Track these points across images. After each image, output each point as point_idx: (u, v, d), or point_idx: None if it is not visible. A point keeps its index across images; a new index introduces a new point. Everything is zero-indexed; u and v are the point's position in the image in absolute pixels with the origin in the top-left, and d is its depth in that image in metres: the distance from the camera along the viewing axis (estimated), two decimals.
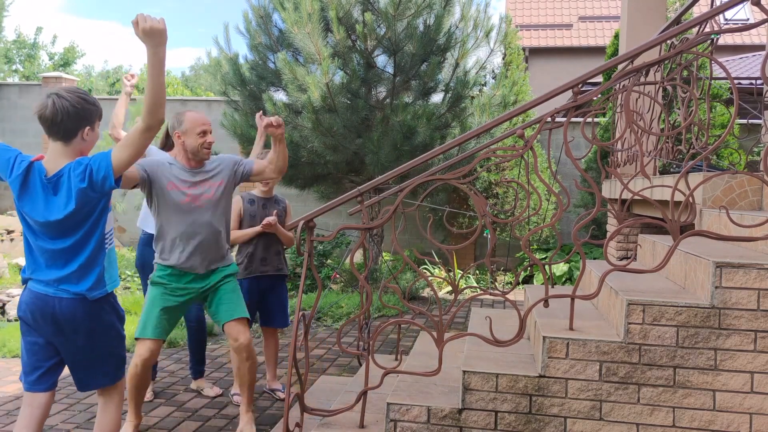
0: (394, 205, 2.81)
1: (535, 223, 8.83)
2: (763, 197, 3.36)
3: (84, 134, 2.40)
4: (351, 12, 7.36)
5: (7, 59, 25.18)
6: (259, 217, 3.98)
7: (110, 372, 2.56)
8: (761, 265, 2.44)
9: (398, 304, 6.90)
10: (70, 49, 27.68)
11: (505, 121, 2.83)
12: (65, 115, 2.32)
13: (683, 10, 4.44)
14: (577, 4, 20.90)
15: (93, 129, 2.44)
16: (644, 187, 3.98)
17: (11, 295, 6.65)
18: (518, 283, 7.87)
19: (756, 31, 17.45)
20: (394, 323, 3.21)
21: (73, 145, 2.39)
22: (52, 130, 2.35)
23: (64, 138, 2.37)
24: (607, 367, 2.56)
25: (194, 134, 3.25)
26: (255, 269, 3.99)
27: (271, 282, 4.06)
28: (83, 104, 2.36)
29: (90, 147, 2.48)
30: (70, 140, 2.38)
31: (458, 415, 2.68)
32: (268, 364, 4.22)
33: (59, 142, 2.37)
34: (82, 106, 2.36)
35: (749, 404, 2.47)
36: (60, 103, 2.32)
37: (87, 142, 2.43)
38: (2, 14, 21.94)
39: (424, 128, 7.10)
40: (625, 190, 2.66)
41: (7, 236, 8.99)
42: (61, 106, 2.32)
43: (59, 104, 2.32)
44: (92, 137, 2.45)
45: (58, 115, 2.32)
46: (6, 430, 3.56)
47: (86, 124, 2.39)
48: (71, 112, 2.33)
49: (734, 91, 2.57)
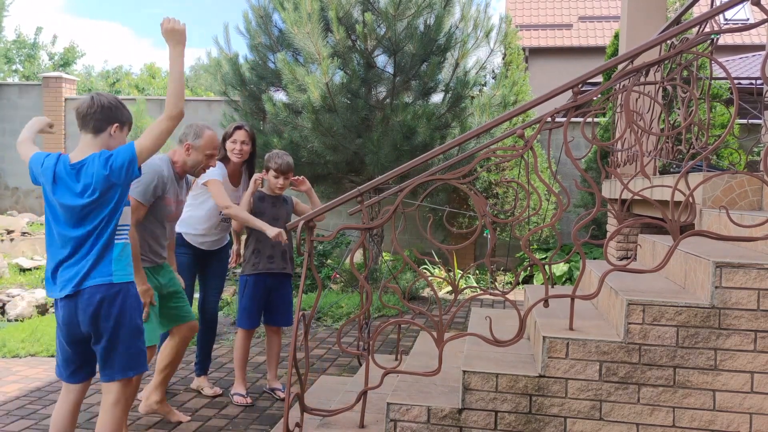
0: (394, 205, 2.81)
1: (535, 223, 8.83)
2: (763, 197, 3.36)
3: (112, 131, 2.65)
4: (351, 12, 7.36)
5: (7, 59, 25.19)
6: (268, 215, 3.97)
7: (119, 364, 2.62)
8: (761, 265, 2.44)
9: (398, 304, 6.90)
10: (70, 49, 27.70)
11: (505, 121, 2.83)
12: (99, 108, 2.62)
13: (683, 10, 4.44)
14: (577, 4, 20.90)
15: (121, 130, 2.69)
16: (644, 187, 3.98)
17: (11, 295, 6.65)
18: (518, 283, 7.87)
19: (756, 31, 17.45)
20: (394, 323, 3.21)
21: (101, 139, 2.64)
22: (85, 120, 2.62)
23: (94, 130, 2.63)
24: (607, 367, 2.56)
25: (203, 153, 3.38)
26: (262, 267, 3.99)
27: (277, 280, 4.06)
28: (117, 105, 2.68)
29: (116, 147, 2.66)
30: (98, 134, 2.63)
31: (458, 415, 2.68)
32: (269, 363, 4.22)
33: (89, 135, 2.64)
34: (116, 106, 2.67)
35: (749, 404, 2.47)
36: (98, 98, 2.64)
37: (114, 140, 2.66)
38: (2, 14, 21.96)
39: (424, 128, 7.10)
40: (625, 190, 2.66)
41: (7, 236, 8.99)
42: (98, 101, 2.63)
43: (97, 99, 2.64)
44: (119, 138, 2.69)
45: (94, 106, 2.61)
46: (6, 430, 3.56)
47: (116, 122, 2.66)
48: (105, 107, 2.63)
49: (734, 91, 2.57)
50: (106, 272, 2.56)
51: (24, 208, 11.44)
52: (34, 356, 5.09)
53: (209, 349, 4.31)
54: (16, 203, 11.53)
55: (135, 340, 2.64)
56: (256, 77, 7.92)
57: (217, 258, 4.26)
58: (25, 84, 11.96)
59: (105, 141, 2.64)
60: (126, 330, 2.59)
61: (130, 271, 2.65)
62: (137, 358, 2.65)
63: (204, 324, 4.23)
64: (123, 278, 2.60)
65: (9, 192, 11.56)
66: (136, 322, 2.65)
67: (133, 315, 2.63)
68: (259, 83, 7.93)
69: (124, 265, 2.62)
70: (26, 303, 6.44)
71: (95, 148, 2.61)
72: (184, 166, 3.40)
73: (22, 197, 11.53)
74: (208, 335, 4.28)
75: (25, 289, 7.00)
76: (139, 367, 2.68)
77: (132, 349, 2.62)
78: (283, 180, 4.02)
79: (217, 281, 4.31)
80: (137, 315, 2.66)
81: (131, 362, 2.63)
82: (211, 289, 4.28)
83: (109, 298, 2.54)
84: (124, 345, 2.59)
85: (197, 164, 3.40)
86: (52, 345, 5.18)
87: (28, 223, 10.06)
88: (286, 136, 7.33)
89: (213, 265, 4.25)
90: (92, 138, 2.63)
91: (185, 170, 3.43)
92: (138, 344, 2.65)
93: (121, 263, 2.61)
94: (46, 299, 6.61)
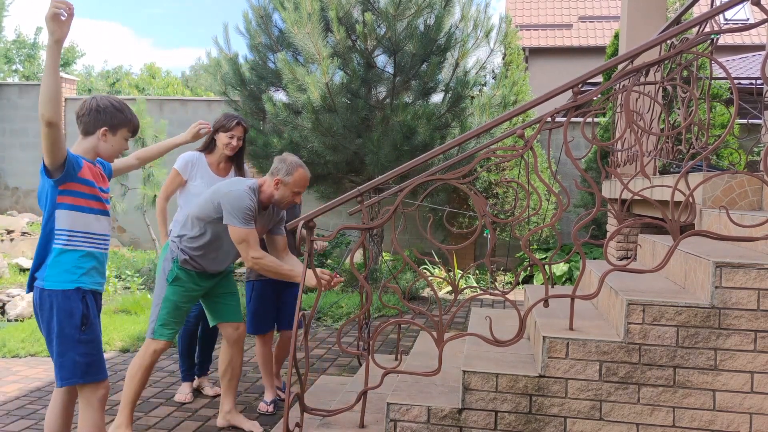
0: (394, 205, 2.81)
1: (535, 223, 8.83)
2: (763, 197, 3.36)
3: (101, 134, 2.62)
4: (351, 12, 7.35)
5: (7, 59, 25.19)
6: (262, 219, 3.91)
7: (57, 372, 2.56)
8: (761, 265, 2.44)
9: (398, 304, 6.90)
10: (70, 49, 27.70)
11: (505, 121, 2.83)
12: (88, 111, 2.60)
13: (683, 10, 4.44)
14: (577, 4, 20.90)
15: (114, 134, 2.64)
16: (644, 187, 3.98)
17: (11, 295, 6.65)
18: (518, 283, 7.87)
19: (756, 31, 17.45)
20: (394, 323, 3.21)
21: (89, 141, 2.63)
22: (78, 122, 2.64)
23: (83, 132, 2.64)
24: (607, 367, 2.56)
25: (291, 191, 3.35)
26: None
27: (283, 284, 3.90)
28: (109, 108, 2.62)
29: (111, 152, 2.68)
30: (86, 135, 2.63)
31: (458, 415, 2.68)
32: (275, 361, 4.12)
33: (81, 135, 2.65)
34: (107, 109, 2.61)
35: (749, 404, 2.47)
36: (91, 101, 2.62)
37: (105, 144, 2.64)
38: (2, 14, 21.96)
39: (424, 128, 7.10)
40: (625, 190, 2.66)
41: (7, 236, 8.99)
42: (90, 104, 2.61)
43: (90, 102, 2.62)
44: (112, 141, 2.65)
45: (83, 109, 2.61)
46: (6, 430, 3.56)
47: (104, 125, 2.62)
48: (94, 110, 2.60)
49: (734, 91, 2.57)
50: (43, 272, 2.55)
51: (24, 208, 11.44)
52: (34, 356, 5.09)
53: (210, 351, 4.31)
54: (16, 203, 11.53)
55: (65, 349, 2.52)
56: (256, 77, 7.92)
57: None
58: (25, 84, 11.95)
59: (94, 143, 2.63)
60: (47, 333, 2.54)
61: (55, 280, 2.52)
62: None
63: (204, 325, 4.23)
64: (42, 283, 2.54)
65: (9, 192, 11.56)
66: (66, 331, 2.52)
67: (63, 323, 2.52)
68: (259, 83, 7.92)
69: (59, 271, 2.53)
70: (26, 303, 6.44)
71: (82, 150, 2.61)
72: (270, 198, 3.36)
73: (22, 197, 11.53)
74: (209, 337, 4.28)
75: (25, 289, 7.00)
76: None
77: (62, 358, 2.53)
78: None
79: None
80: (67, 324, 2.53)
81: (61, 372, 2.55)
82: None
83: (37, 297, 2.55)
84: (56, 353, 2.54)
85: (283, 200, 3.36)
86: None
87: (28, 223, 10.06)
88: (286, 136, 7.33)
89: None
90: (81, 139, 2.64)
91: (271, 202, 3.39)
92: (70, 354, 2.52)
93: (51, 269, 2.53)
94: None
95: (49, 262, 2.52)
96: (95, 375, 2.57)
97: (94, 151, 2.64)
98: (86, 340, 2.54)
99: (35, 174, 11.34)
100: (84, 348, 2.54)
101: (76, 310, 2.53)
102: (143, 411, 3.82)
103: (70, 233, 2.54)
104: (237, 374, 3.57)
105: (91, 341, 2.56)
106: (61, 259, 2.53)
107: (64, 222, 2.53)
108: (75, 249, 2.55)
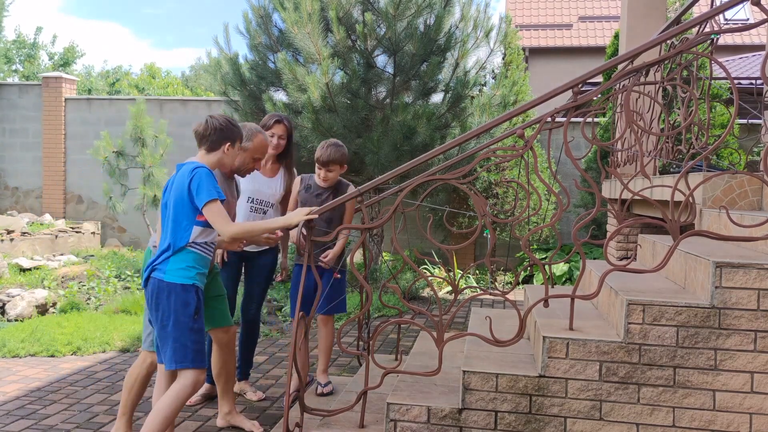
0: (394, 205, 2.81)
1: (535, 223, 8.82)
2: (763, 197, 3.36)
3: (225, 149, 2.98)
4: (351, 12, 7.35)
5: (7, 59, 25.17)
6: (310, 206, 3.60)
7: (171, 355, 2.84)
8: (761, 265, 2.44)
9: (398, 304, 6.90)
10: (70, 49, 27.67)
11: (505, 121, 2.84)
12: (213, 130, 2.95)
13: (683, 10, 4.44)
14: (577, 4, 20.91)
15: (233, 146, 3.01)
16: (644, 187, 3.98)
17: (11, 295, 6.64)
18: (518, 283, 7.87)
19: (756, 31, 17.46)
20: (394, 323, 3.21)
21: (214, 155, 2.98)
22: (202, 141, 2.98)
23: (209, 148, 2.98)
24: (607, 367, 2.56)
25: (251, 157, 3.37)
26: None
27: (322, 268, 3.80)
28: (228, 125, 2.98)
29: (229, 161, 3.04)
30: (212, 151, 2.98)
31: (458, 415, 2.68)
32: (319, 354, 4.04)
33: (203, 151, 2.99)
34: (227, 127, 2.97)
35: (749, 404, 2.47)
36: (212, 121, 2.96)
37: (227, 156, 3.00)
38: (2, 14, 21.95)
39: (424, 128, 7.10)
40: (625, 190, 2.66)
41: (7, 236, 8.98)
42: (212, 124, 2.95)
43: (211, 122, 2.95)
44: (232, 153, 3.02)
45: (209, 129, 2.95)
46: (6, 430, 3.56)
47: (228, 141, 2.98)
48: (217, 129, 2.95)
49: (734, 91, 2.57)
50: (165, 267, 2.88)
51: (24, 208, 11.43)
52: (34, 356, 5.09)
53: (250, 354, 4.18)
54: (16, 203, 11.53)
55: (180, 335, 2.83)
56: (256, 77, 7.92)
57: (260, 261, 4.06)
58: (25, 84, 11.95)
59: (218, 157, 2.99)
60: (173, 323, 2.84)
61: (182, 275, 2.86)
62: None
63: (244, 328, 4.13)
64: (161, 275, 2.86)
65: (9, 192, 11.55)
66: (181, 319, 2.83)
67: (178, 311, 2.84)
68: (259, 83, 7.92)
69: (176, 266, 2.86)
70: (26, 303, 6.43)
71: (205, 161, 2.97)
72: (231, 166, 3.28)
73: (22, 197, 11.53)
74: (248, 340, 4.15)
75: (25, 289, 6.99)
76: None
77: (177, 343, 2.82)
78: (325, 172, 3.87)
79: (258, 285, 4.11)
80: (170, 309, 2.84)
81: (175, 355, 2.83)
82: (252, 294, 4.10)
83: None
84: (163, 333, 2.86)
85: (243, 166, 3.34)
86: (52, 345, 5.18)
87: (28, 223, 10.05)
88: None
89: (256, 267, 4.07)
90: (205, 154, 2.98)
91: (232, 171, 3.35)
92: (182, 339, 2.82)
93: (175, 263, 2.86)
94: (46, 299, 6.61)
95: (171, 258, 2.86)
96: (201, 362, 2.86)
97: (218, 162, 2.99)
98: (197, 329, 2.86)
99: (35, 174, 11.35)
100: (195, 336, 2.85)
101: (191, 301, 2.86)
102: (143, 411, 3.81)
103: (202, 243, 2.92)
104: (232, 376, 3.55)
105: (201, 330, 2.89)
106: (186, 257, 2.88)
107: (197, 235, 2.90)
108: (197, 252, 2.91)
